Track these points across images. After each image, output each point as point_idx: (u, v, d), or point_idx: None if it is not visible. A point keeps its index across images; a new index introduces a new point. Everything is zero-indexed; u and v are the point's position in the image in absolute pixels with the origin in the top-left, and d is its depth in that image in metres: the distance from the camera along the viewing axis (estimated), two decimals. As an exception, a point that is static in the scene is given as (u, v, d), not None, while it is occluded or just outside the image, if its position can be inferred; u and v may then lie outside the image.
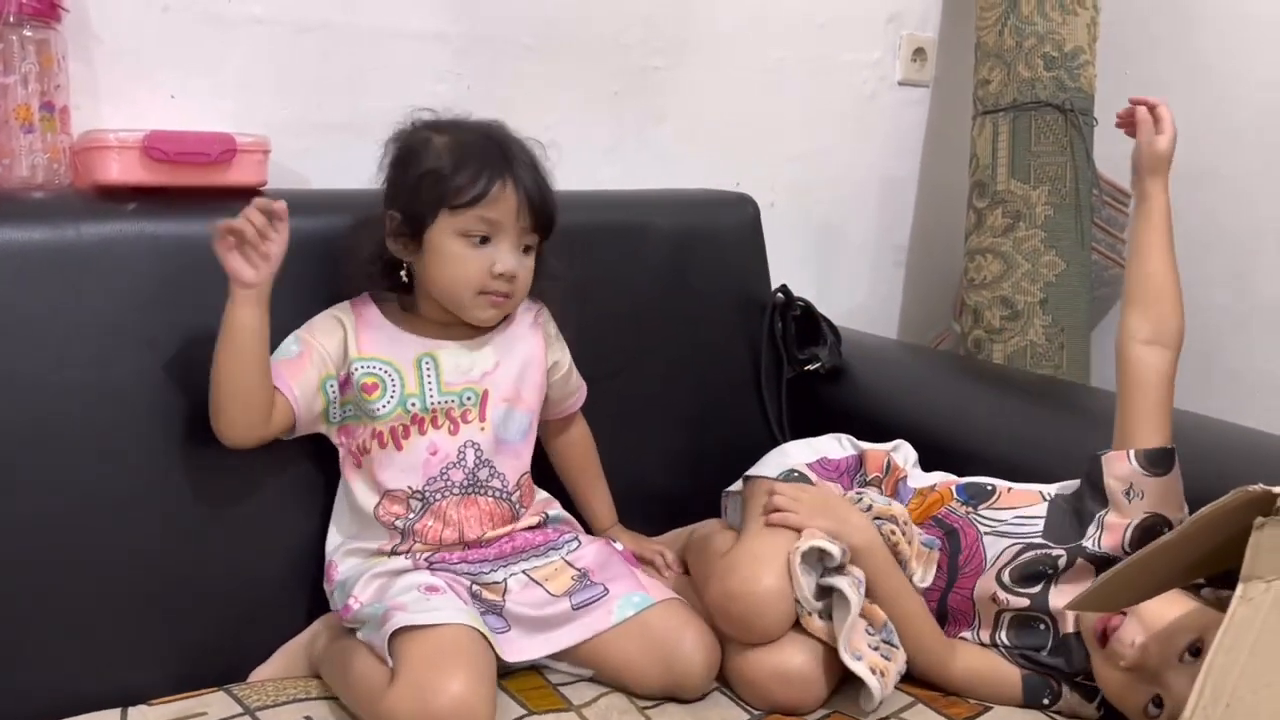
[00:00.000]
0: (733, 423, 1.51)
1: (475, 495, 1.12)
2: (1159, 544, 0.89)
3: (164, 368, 1.08)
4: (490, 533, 1.13)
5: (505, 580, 1.11)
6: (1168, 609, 0.97)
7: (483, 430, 1.13)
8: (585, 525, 1.28)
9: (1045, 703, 1.09)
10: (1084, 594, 0.94)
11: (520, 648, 1.07)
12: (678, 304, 1.46)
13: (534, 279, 1.14)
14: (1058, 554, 1.10)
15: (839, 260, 1.91)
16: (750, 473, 1.27)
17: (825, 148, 1.84)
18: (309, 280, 1.15)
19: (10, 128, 1.10)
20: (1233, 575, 0.76)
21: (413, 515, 1.10)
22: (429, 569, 1.09)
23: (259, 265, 1.01)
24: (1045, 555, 1.10)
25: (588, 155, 1.60)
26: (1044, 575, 1.10)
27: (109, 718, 0.99)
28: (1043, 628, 1.10)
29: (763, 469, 1.26)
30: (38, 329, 1.03)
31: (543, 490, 1.24)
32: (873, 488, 1.24)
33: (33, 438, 1.01)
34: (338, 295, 1.16)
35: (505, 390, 1.15)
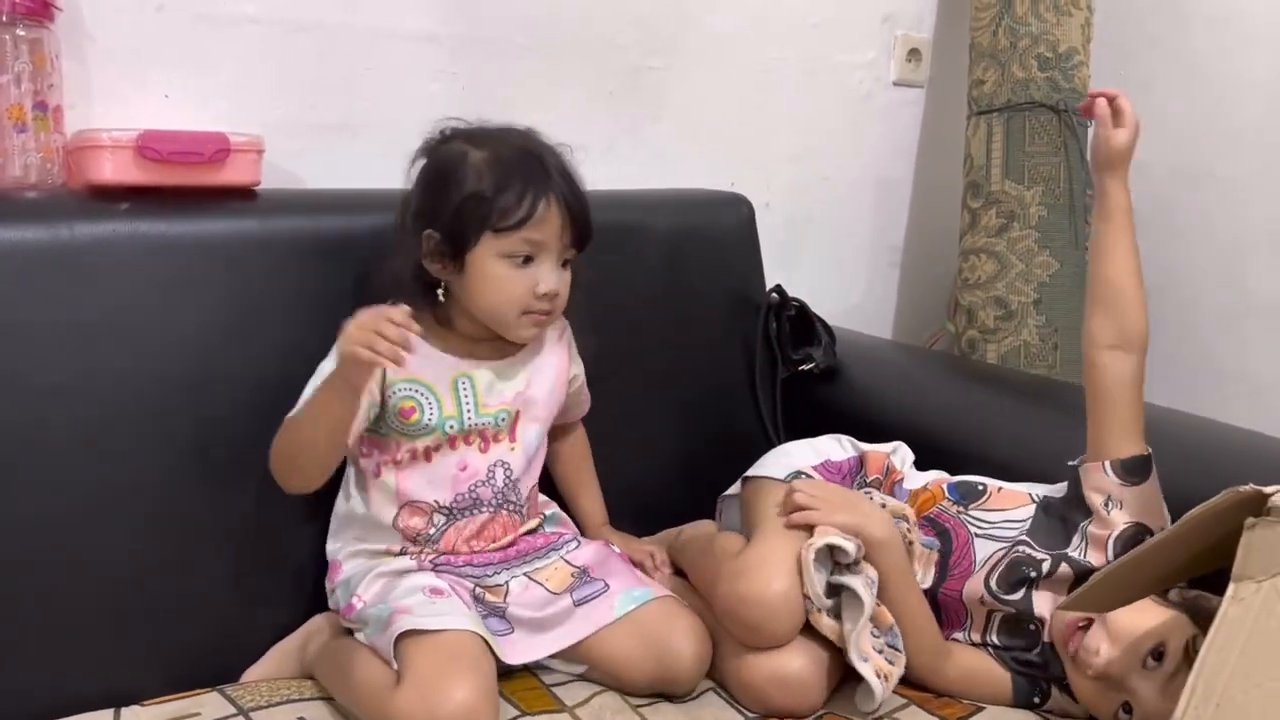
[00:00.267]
0: (727, 423, 1.51)
1: (500, 511, 1.13)
2: (1150, 544, 0.89)
3: (158, 367, 1.08)
4: (495, 543, 1.14)
5: (507, 583, 1.11)
6: (1132, 616, 0.97)
7: (513, 450, 1.13)
8: (576, 525, 1.28)
9: (1036, 701, 1.10)
10: (1076, 594, 0.94)
11: (522, 649, 1.07)
12: (672, 304, 1.46)
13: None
14: (1041, 558, 1.10)
15: (833, 260, 1.91)
16: (750, 473, 1.27)
17: (820, 148, 1.84)
18: (307, 281, 1.16)
19: (3, 127, 1.10)
20: (1223, 575, 0.77)
21: (434, 530, 1.10)
22: (433, 570, 1.09)
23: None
24: (1029, 557, 1.11)
25: (583, 155, 1.58)
26: (1027, 579, 1.10)
27: (102, 718, 0.99)
28: (1032, 628, 1.10)
29: (764, 470, 1.26)
30: (31, 329, 1.03)
31: (541, 493, 1.24)
32: (873, 489, 1.24)
33: (25, 437, 1.01)
34: (345, 298, 1.15)
35: (536, 410, 1.15)
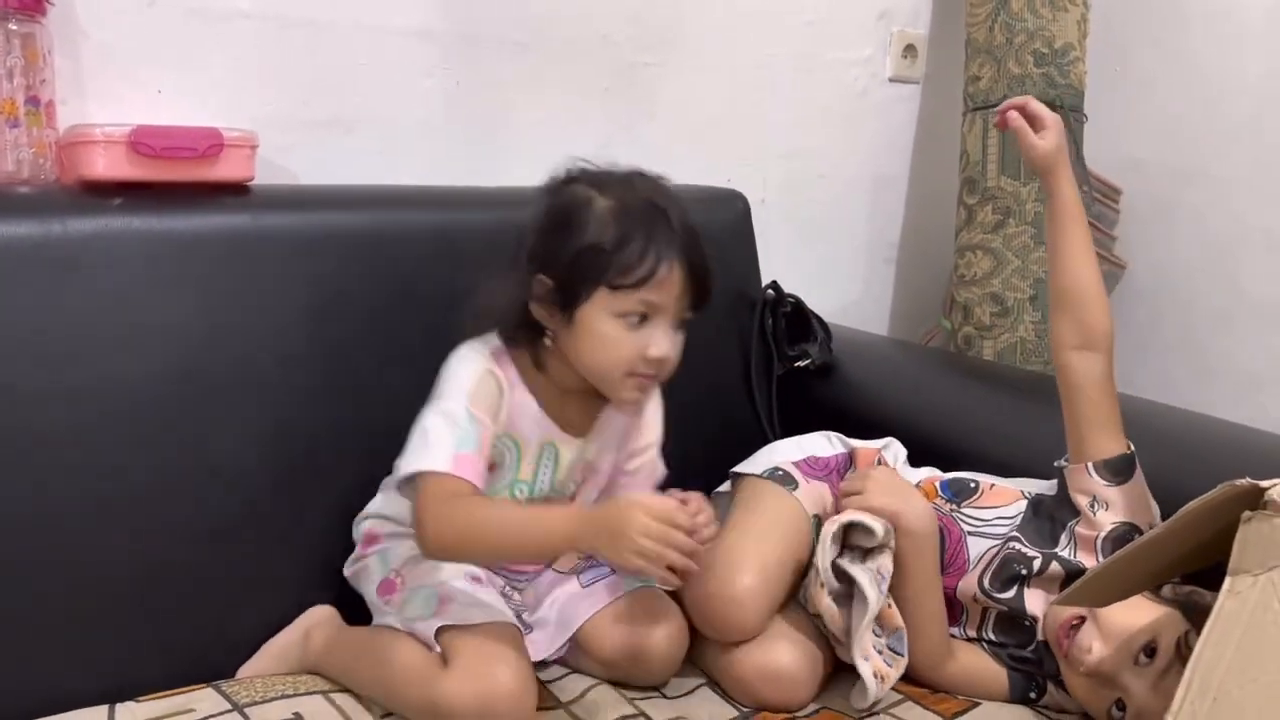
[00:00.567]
0: (723, 419, 1.51)
1: None
2: (1145, 539, 0.89)
3: (151, 363, 1.07)
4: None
5: (533, 588, 1.13)
6: (1124, 613, 0.97)
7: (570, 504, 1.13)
8: None
9: (1032, 697, 1.10)
10: (1072, 590, 0.94)
11: (540, 647, 1.08)
12: (668, 301, 1.46)
13: None
14: (1032, 555, 1.10)
15: (829, 257, 1.91)
16: (736, 470, 1.27)
17: (816, 144, 1.84)
18: (300, 277, 1.16)
19: (-5, 122, 1.10)
20: (1219, 570, 0.76)
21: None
22: None
23: None
24: (1020, 554, 1.11)
25: (578, 152, 1.57)
26: (1019, 576, 1.10)
27: (97, 714, 0.99)
28: (1027, 624, 1.10)
29: (749, 467, 1.26)
30: (23, 324, 1.02)
31: None
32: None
33: (18, 434, 1.01)
34: (339, 294, 1.16)
35: (600, 478, 1.14)
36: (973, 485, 1.21)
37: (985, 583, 1.12)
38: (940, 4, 1.92)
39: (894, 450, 1.31)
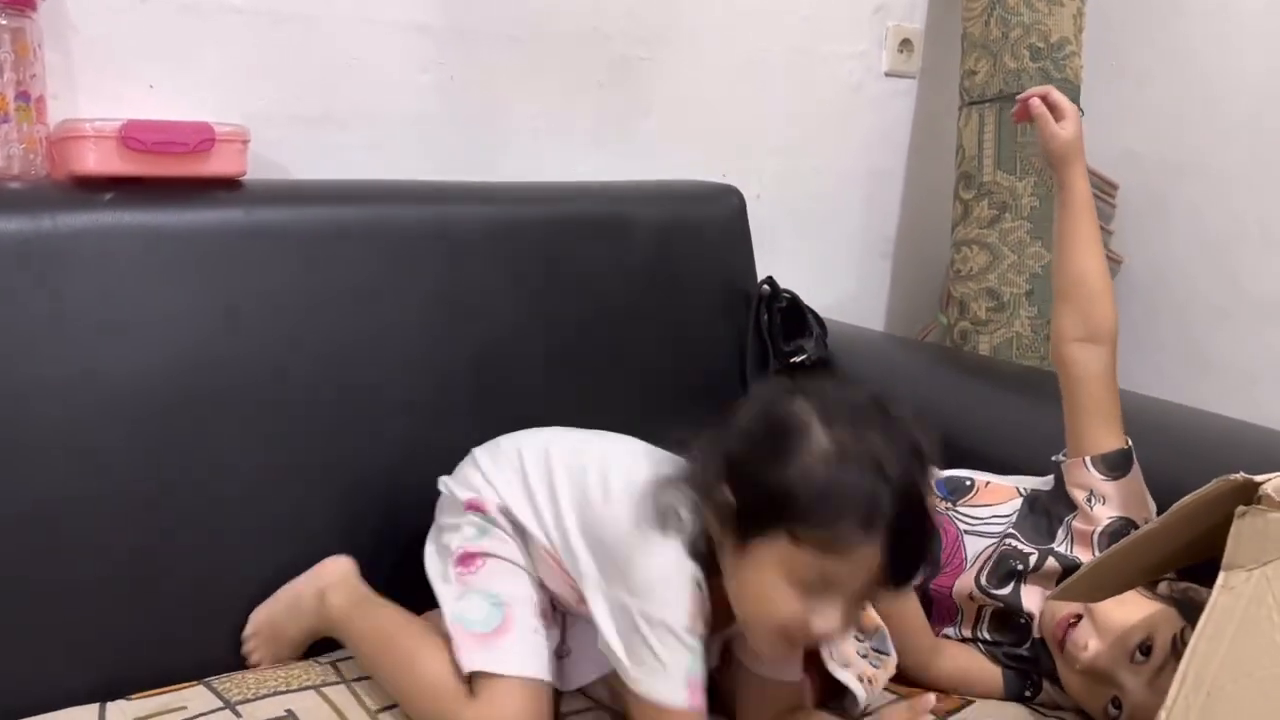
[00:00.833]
0: (718, 415, 1.50)
1: None
2: (1140, 534, 0.88)
3: (143, 359, 1.07)
4: None
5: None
6: (1120, 610, 0.97)
7: None
8: None
9: (1027, 695, 1.09)
10: (1066, 584, 0.94)
11: (572, 676, 1.05)
12: (662, 296, 1.45)
13: None
14: (1028, 551, 1.10)
15: (825, 252, 1.90)
16: None
17: (811, 139, 1.83)
18: (293, 272, 1.16)
19: (-14, 117, 1.10)
20: (1214, 564, 0.76)
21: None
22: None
23: None
24: (1016, 550, 1.10)
25: (571, 146, 1.59)
26: (1015, 573, 1.10)
27: (88, 713, 0.99)
28: (1022, 622, 1.10)
29: None
30: (14, 320, 1.02)
31: None
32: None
33: (7, 431, 1.00)
34: (331, 289, 1.16)
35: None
36: (968, 484, 1.20)
37: (982, 580, 1.11)
38: (936, -2, 1.92)
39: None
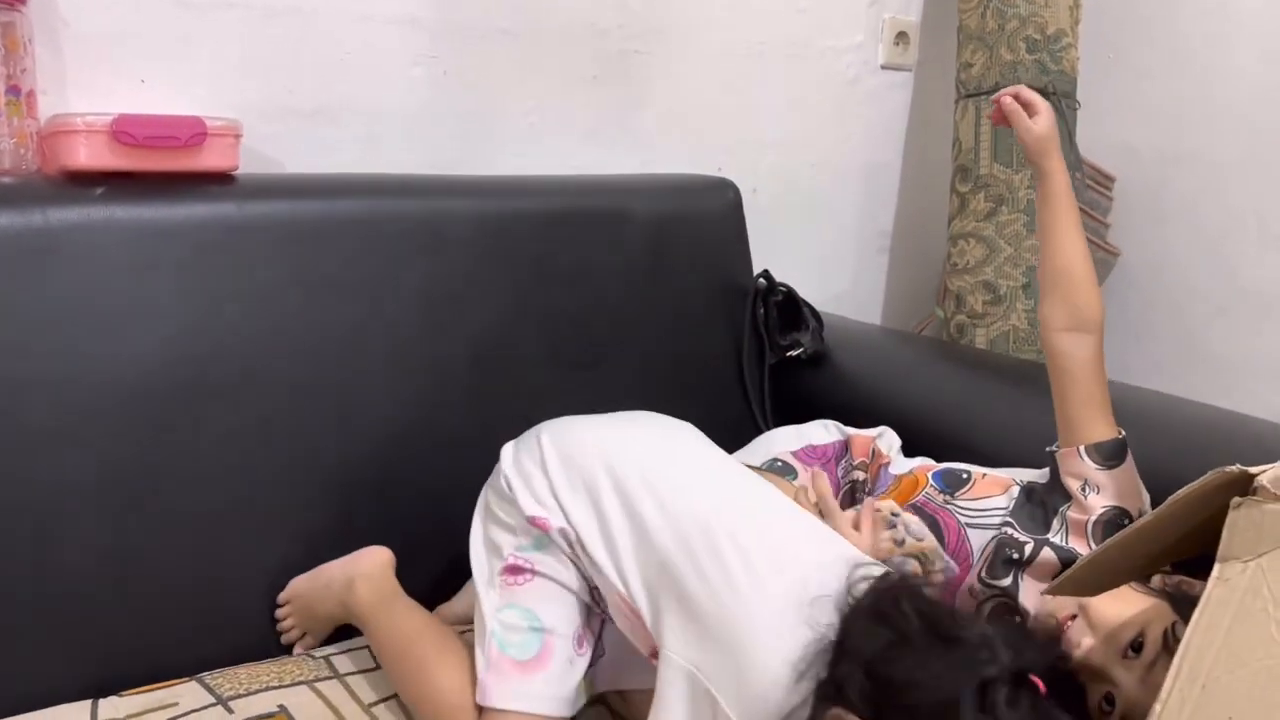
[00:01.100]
0: (715, 409, 1.50)
1: None
2: (1136, 527, 0.88)
3: (135, 354, 1.07)
4: None
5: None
6: (1113, 606, 0.97)
7: None
8: None
9: (1023, 687, 1.09)
10: (1062, 578, 0.93)
11: (601, 678, 1.04)
12: (659, 290, 1.45)
13: None
14: (1024, 540, 1.09)
15: (822, 245, 1.90)
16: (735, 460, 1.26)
17: (807, 132, 1.83)
18: (285, 266, 1.15)
19: (-24, 112, 1.09)
20: (1209, 557, 0.76)
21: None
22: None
23: None
24: (1012, 539, 1.10)
25: (566, 140, 1.58)
26: (1013, 562, 1.10)
27: (80, 710, 0.98)
28: (1019, 620, 1.09)
29: (747, 457, 1.25)
30: (5, 315, 1.01)
31: None
32: (859, 471, 1.23)
33: (1, 424, 1.00)
34: (324, 283, 1.16)
35: None
36: (964, 476, 1.20)
37: (982, 573, 1.11)
38: (932, -9, 1.91)
39: (888, 439, 1.30)
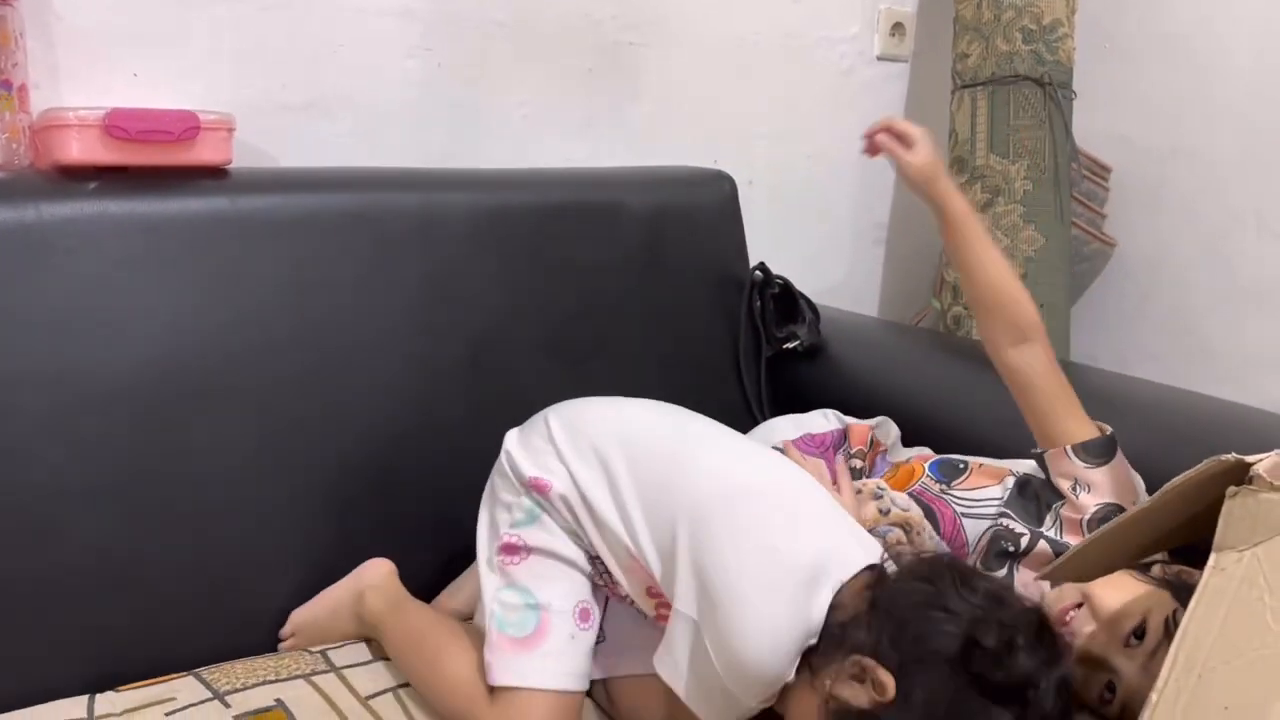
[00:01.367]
0: (711, 402, 1.48)
1: None
2: (1132, 514, 0.88)
3: (128, 349, 1.06)
4: None
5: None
6: (1115, 594, 0.97)
7: None
8: None
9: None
10: (1058, 564, 0.93)
11: (603, 664, 1.04)
12: (654, 283, 1.45)
13: None
14: (1020, 532, 1.09)
15: (818, 238, 1.90)
16: None
17: (803, 124, 1.82)
18: (279, 260, 1.15)
19: (-33, 107, 1.09)
20: (1206, 545, 0.76)
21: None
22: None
23: None
24: (1009, 530, 1.10)
25: (561, 133, 1.58)
26: (1007, 553, 1.10)
27: (77, 705, 0.98)
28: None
29: None
30: (-2, 311, 1.01)
31: None
32: (857, 459, 1.23)
33: (-6, 421, 1.00)
34: (318, 277, 1.15)
35: None
36: (961, 466, 1.20)
37: (977, 564, 1.11)
38: (928, -19, 1.91)
39: (885, 429, 1.30)
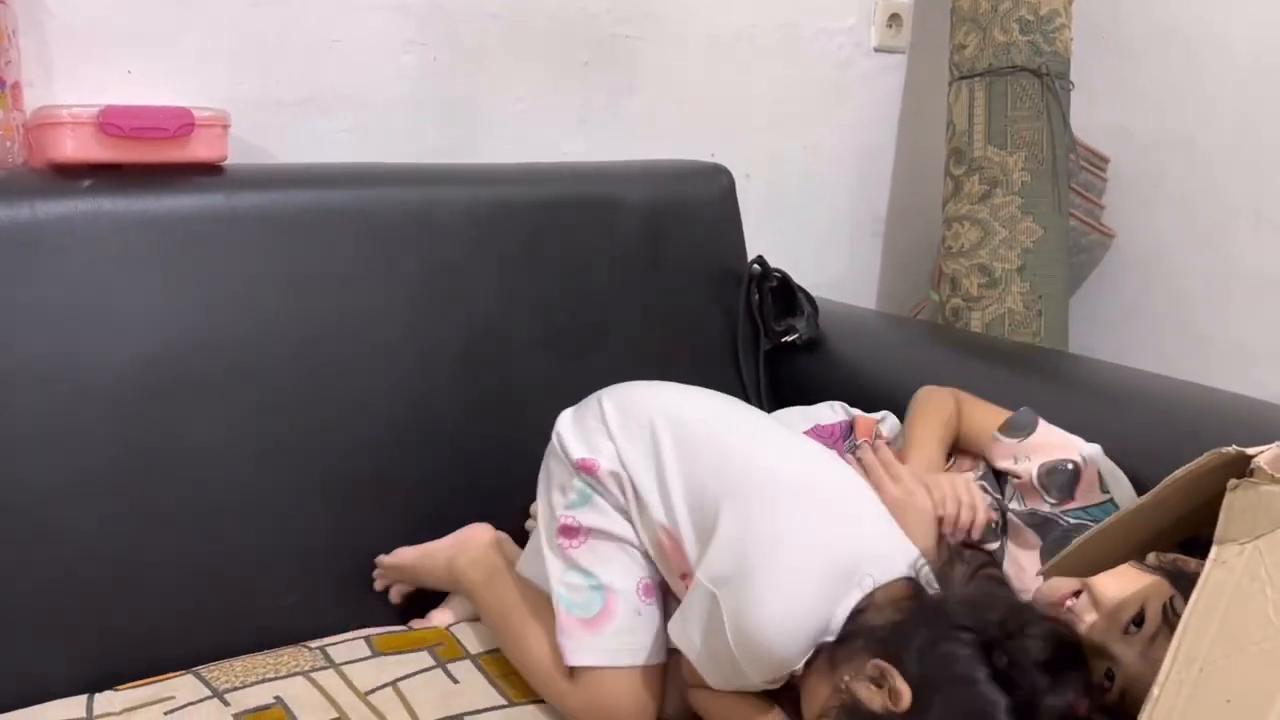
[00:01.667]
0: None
1: None
2: (1132, 507, 0.88)
3: (124, 346, 1.06)
4: None
5: None
6: (1114, 583, 0.97)
7: None
8: None
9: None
10: (1058, 559, 0.93)
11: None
12: (652, 277, 1.44)
13: None
14: (990, 500, 1.11)
15: (816, 230, 1.89)
16: None
17: (800, 116, 1.82)
18: (274, 257, 1.14)
19: (-40, 105, 1.08)
20: (1206, 539, 0.76)
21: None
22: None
23: None
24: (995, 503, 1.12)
25: (557, 127, 1.58)
26: (995, 533, 1.11)
27: (75, 704, 0.98)
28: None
29: None
30: (-8, 310, 1.01)
31: None
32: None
33: (-10, 420, 1.00)
34: (313, 273, 1.14)
35: None
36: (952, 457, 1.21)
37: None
38: (925, -28, 1.90)
39: (889, 423, 1.30)
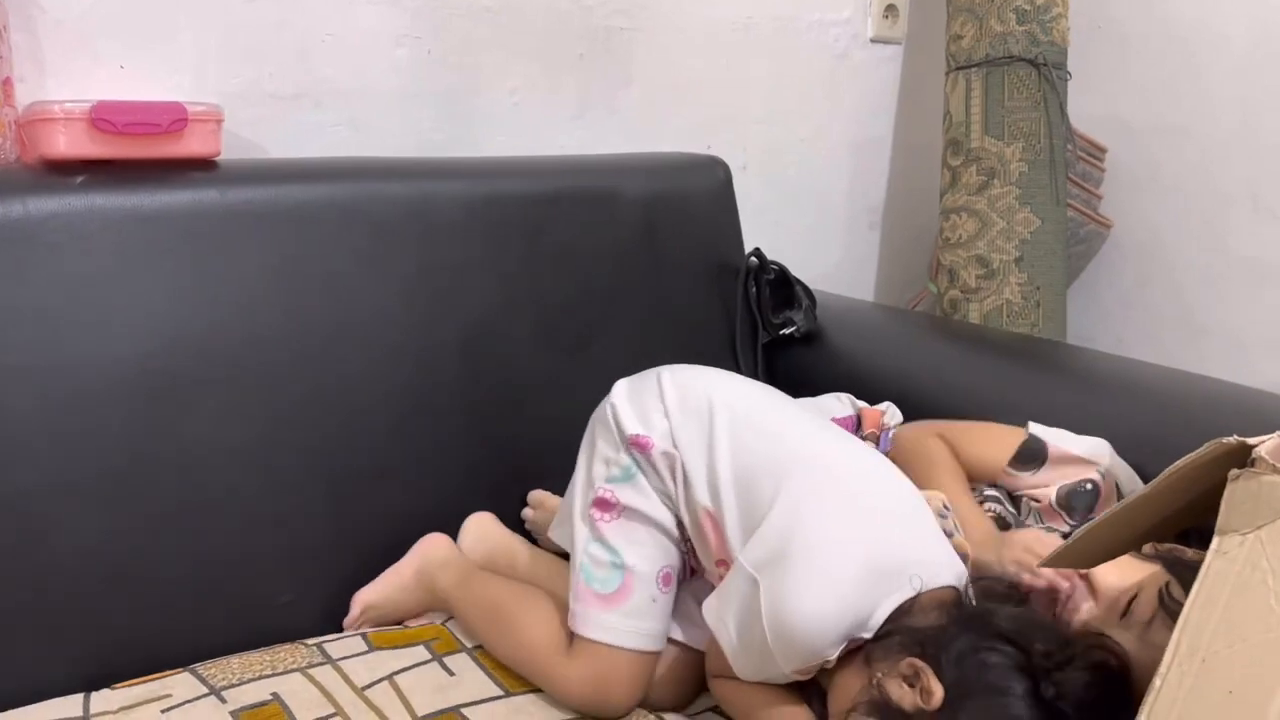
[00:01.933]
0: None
1: None
2: (1133, 499, 0.87)
3: (118, 343, 1.05)
4: None
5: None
6: (1113, 572, 0.97)
7: None
8: None
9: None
10: (1058, 551, 0.93)
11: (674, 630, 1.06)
12: (649, 271, 1.44)
13: None
14: (1005, 513, 1.10)
15: (813, 223, 1.89)
16: None
17: (797, 108, 1.81)
18: (269, 252, 1.14)
19: (-49, 101, 1.08)
20: (1207, 529, 0.75)
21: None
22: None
23: None
24: (1001, 518, 1.10)
25: (553, 120, 1.57)
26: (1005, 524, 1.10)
27: (72, 703, 0.98)
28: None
29: None
30: (-14, 308, 1.00)
31: None
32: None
33: (-16, 419, 0.99)
34: (307, 269, 1.14)
35: None
36: None
37: None
38: (921, -38, 1.89)
39: (891, 414, 1.31)
